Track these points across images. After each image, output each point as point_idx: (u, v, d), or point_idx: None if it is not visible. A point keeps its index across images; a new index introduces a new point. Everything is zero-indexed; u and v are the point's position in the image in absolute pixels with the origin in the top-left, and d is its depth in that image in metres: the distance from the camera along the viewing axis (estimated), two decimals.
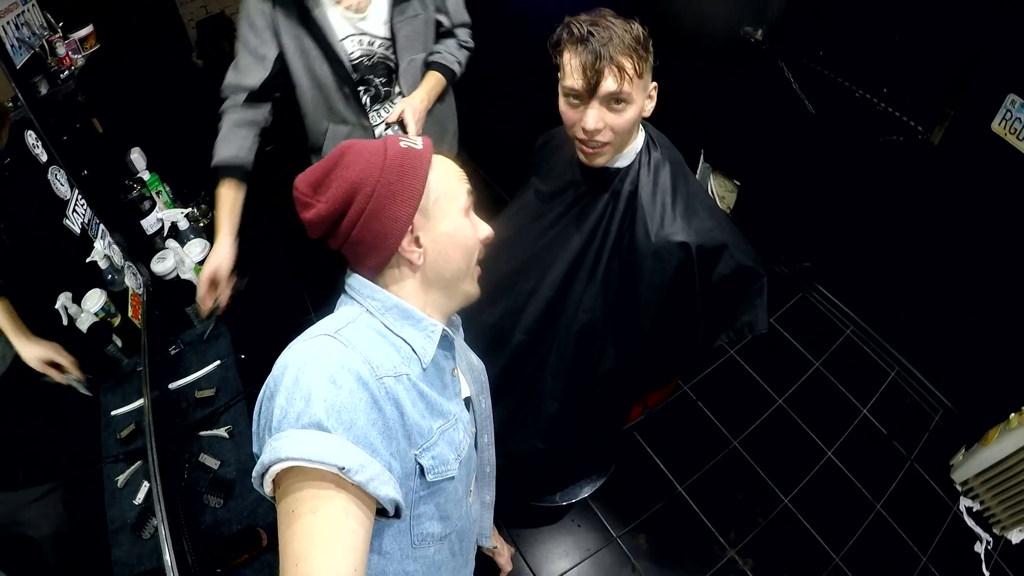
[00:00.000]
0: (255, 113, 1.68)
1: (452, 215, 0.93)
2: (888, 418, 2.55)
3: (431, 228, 0.91)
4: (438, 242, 0.92)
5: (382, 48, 1.73)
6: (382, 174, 0.87)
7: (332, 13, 1.63)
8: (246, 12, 1.61)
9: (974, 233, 2.18)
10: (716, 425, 2.53)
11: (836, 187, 2.60)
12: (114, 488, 1.44)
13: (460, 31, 1.87)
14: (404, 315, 0.91)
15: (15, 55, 1.52)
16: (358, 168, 0.86)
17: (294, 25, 1.62)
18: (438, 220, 0.92)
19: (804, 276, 3.00)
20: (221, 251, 1.56)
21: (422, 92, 1.74)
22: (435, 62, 1.82)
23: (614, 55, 1.19)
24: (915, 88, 2.12)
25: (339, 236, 0.89)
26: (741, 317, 1.52)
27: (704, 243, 1.36)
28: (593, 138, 1.28)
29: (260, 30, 1.61)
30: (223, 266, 1.55)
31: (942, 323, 2.49)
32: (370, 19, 1.68)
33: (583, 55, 1.20)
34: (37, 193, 1.53)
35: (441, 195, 0.92)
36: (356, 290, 0.93)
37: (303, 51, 1.66)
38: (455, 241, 0.93)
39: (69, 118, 1.82)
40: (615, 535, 2.22)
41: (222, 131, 1.64)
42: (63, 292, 1.58)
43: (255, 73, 1.64)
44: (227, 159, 1.62)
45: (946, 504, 2.31)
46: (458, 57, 1.86)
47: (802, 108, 2.47)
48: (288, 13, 1.60)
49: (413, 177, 0.88)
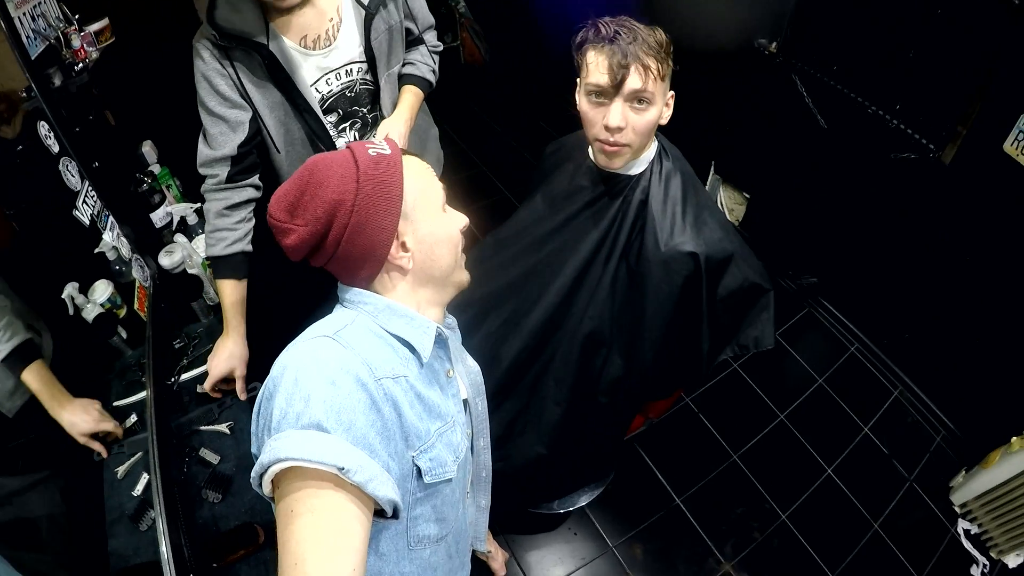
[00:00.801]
0: (242, 192, 1.54)
1: (432, 213, 0.94)
2: (889, 437, 2.54)
3: (415, 230, 0.92)
4: (424, 243, 0.93)
5: (360, 73, 1.63)
6: (360, 186, 0.86)
7: (299, 58, 1.52)
8: (203, 75, 1.46)
9: (982, 254, 2.17)
10: (716, 438, 2.52)
11: (846, 203, 2.59)
12: (113, 479, 1.45)
13: (428, 35, 1.79)
14: (398, 315, 0.92)
15: (30, 46, 1.52)
16: (333, 184, 0.85)
17: (259, 79, 1.49)
18: (420, 221, 0.92)
19: (810, 291, 2.99)
20: (233, 351, 1.50)
21: (404, 111, 1.65)
22: (410, 75, 1.74)
23: (640, 54, 1.21)
24: (928, 106, 2.11)
25: (324, 255, 0.89)
26: (747, 331, 1.53)
27: (713, 254, 1.37)
28: (614, 136, 1.29)
29: (224, 92, 1.46)
30: (239, 367, 1.51)
31: (947, 344, 2.49)
32: (342, 47, 1.57)
33: (609, 53, 1.22)
34: (48, 183, 1.54)
35: (418, 196, 0.92)
36: (349, 299, 0.94)
37: (273, 105, 1.54)
38: (439, 238, 0.95)
39: (82, 110, 1.82)
40: (611, 545, 2.21)
41: (209, 221, 1.53)
42: (70, 282, 1.59)
43: (231, 140, 1.49)
44: (221, 255, 1.51)
45: (944, 526, 2.29)
46: (432, 65, 1.79)
47: (814, 122, 2.47)
48: (250, 67, 1.47)
49: (391, 185, 0.88)
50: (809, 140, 2.55)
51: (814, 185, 2.68)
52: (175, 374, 1.71)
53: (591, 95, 1.29)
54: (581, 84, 1.31)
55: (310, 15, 1.49)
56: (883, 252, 2.57)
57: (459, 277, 1.01)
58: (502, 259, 1.61)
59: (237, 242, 1.52)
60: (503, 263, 1.61)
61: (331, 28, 1.54)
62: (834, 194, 2.62)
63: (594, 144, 1.37)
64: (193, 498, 1.47)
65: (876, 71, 2.23)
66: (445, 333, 0.99)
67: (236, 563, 1.36)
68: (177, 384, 1.69)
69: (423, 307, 0.96)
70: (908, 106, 2.17)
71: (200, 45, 1.44)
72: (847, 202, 2.59)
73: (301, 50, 1.51)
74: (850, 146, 2.43)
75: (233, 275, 1.52)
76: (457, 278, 1.01)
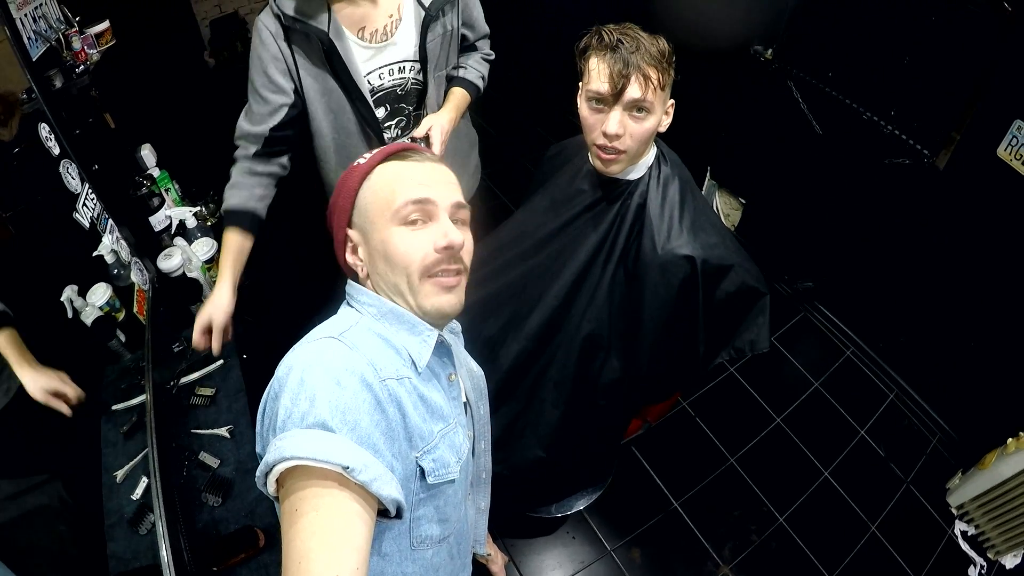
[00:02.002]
0: (267, 165, 1.59)
1: (380, 227, 0.91)
2: (886, 440, 2.55)
3: (366, 240, 0.94)
4: (371, 255, 0.94)
5: (412, 72, 1.66)
6: (336, 189, 0.97)
7: (356, 48, 1.54)
8: (257, 54, 1.51)
9: (977, 258, 2.19)
10: (714, 442, 2.52)
11: (841, 208, 2.61)
12: (112, 482, 1.44)
13: (482, 43, 1.81)
14: (399, 320, 0.92)
15: (31, 47, 1.52)
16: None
17: (315, 65, 1.53)
18: (370, 233, 0.93)
19: (806, 296, 3.00)
20: (219, 300, 1.47)
21: (449, 109, 1.67)
22: (461, 78, 1.76)
23: (641, 64, 1.22)
24: (922, 112, 2.13)
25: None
26: (743, 335, 1.53)
27: (709, 258, 1.37)
28: (612, 144, 1.30)
29: (273, 75, 1.51)
30: (218, 316, 1.46)
31: (942, 347, 2.50)
32: (399, 44, 1.60)
33: (611, 61, 1.23)
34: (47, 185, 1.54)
35: (371, 206, 0.92)
36: (354, 297, 0.96)
37: (326, 91, 1.57)
38: (381, 254, 0.91)
39: (82, 112, 1.83)
40: (609, 548, 2.21)
41: (232, 178, 1.57)
42: (69, 285, 1.58)
43: (266, 121, 1.55)
44: (234, 206, 1.54)
45: (941, 528, 2.30)
46: (482, 72, 1.80)
47: (809, 128, 2.49)
48: (308, 51, 1.51)
49: (343, 194, 0.95)
50: (804, 146, 2.57)
51: (809, 190, 2.70)
52: (174, 377, 1.71)
53: (591, 101, 1.30)
54: (582, 89, 1.32)
55: (371, 9, 1.53)
56: (878, 257, 2.59)
57: (417, 302, 0.92)
58: (501, 262, 1.62)
59: (251, 200, 1.56)
60: (502, 266, 1.61)
61: (390, 24, 1.57)
62: (829, 199, 2.64)
63: (592, 149, 1.38)
64: (193, 502, 1.47)
65: (871, 77, 2.25)
66: (448, 340, 0.99)
67: (236, 566, 1.36)
68: (176, 387, 1.69)
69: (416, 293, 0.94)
70: (902, 112, 2.19)
71: (262, 24, 1.49)
72: (842, 207, 2.61)
73: (359, 41, 1.55)
74: (845, 151, 2.45)
75: (238, 224, 1.53)
76: (416, 302, 0.92)
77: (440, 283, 0.91)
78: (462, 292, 0.96)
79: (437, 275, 0.91)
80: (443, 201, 0.92)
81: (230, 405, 1.68)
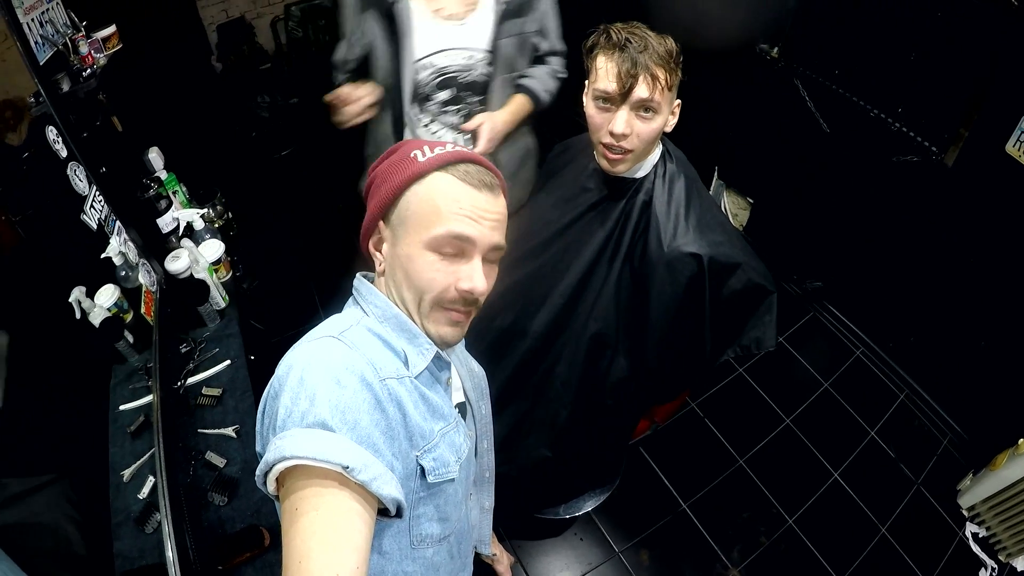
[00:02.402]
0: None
1: (412, 241, 0.87)
2: (896, 441, 2.53)
3: (394, 243, 0.90)
4: (395, 259, 0.91)
5: (481, 65, 1.66)
6: (384, 167, 0.91)
7: (422, 22, 1.58)
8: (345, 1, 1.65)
9: (987, 255, 2.17)
10: (723, 443, 2.51)
11: (849, 206, 2.60)
12: (119, 481, 1.45)
13: (554, 59, 1.79)
14: (401, 328, 0.91)
15: (39, 52, 1.54)
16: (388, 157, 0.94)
17: (382, 28, 1.61)
18: (400, 238, 0.89)
19: (815, 295, 2.99)
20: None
21: (507, 112, 1.68)
22: (525, 86, 1.74)
23: (649, 64, 1.22)
24: (930, 108, 2.12)
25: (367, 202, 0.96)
26: (749, 333, 1.52)
27: (716, 255, 1.37)
28: (618, 143, 1.29)
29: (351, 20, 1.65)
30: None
31: (953, 346, 2.48)
32: (470, 29, 1.61)
33: (619, 60, 1.23)
34: (56, 188, 1.55)
35: (411, 216, 0.87)
36: (362, 295, 0.95)
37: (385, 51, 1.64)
38: (403, 267, 0.89)
39: (90, 115, 1.84)
40: (617, 550, 2.20)
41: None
42: (77, 286, 1.59)
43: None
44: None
45: (952, 529, 2.28)
46: (548, 86, 1.78)
47: (816, 126, 2.48)
48: (377, 14, 1.60)
49: (390, 182, 0.89)
50: (811, 144, 2.55)
51: (817, 189, 2.69)
52: (181, 378, 1.72)
53: (598, 100, 1.30)
54: (588, 88, 1.32)
55: None
56: (887, 255, 2.57)
57: (428, 326, 0.91)
58: (507, 261, 1.61)
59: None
60: (508, 265, 1.61)
61: (466, 9, 1.61)
62: (837, 198, 2.62)
63: (598, 148, 1.37)
64: (199, 501, 1.47)
65: (877, 74, 2.23)
66: (446, 357, 0.96)
67: (241, 566, 1.36)
68: (183, 388, 1.70)
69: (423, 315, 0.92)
70: (910, 109, 2.18)
71: None
72: (850, 206, 2.59)
73: (431, 17, 1.58)
74: (852, 149, 2.44)
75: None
76: (426, 325, 0.91)
77: (450, 316, 0.91)
78: (467, 326, 0.95)
79: (449, 309, 0.90)
80: (483, 242, 0.88)
81: (236, 405, 1.68)
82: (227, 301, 1.97)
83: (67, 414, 1.47)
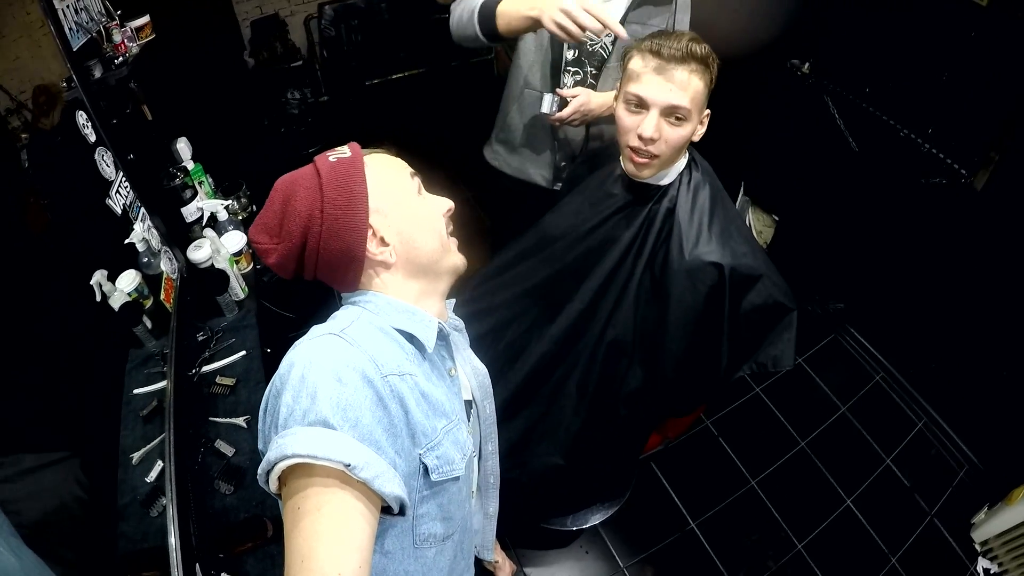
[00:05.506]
0: None
1: (405, 203, 0.94)
2: (912, 470, 2.47)
3: (391, 223, 0.92)
4: (403, 233, 0.92)
5: (608, 39, 1.67)
6: (323, 194, 0.88)
7: None
8: None
9: (1014, 283, 2.12)
10: (735, 463, 2.47)
11: (875, 227, 2.56)
12: (128, 464, 1.46)
13: None
14: (399, 310, 0.92)
15: (72, 38, 1.56)
16: (301, 197, 0.88)
17: None
18: (393, 213, 0.92)
19: (837, 317, 2.94)
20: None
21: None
22: None
23: (683, 70, 1.21)
24: (960, 130, 2.08)
25: (309, 267, 0.91)
26: (767, 349, 1.50)
27: (737, 267, 1.35)
28: (646, 147, 1.29)
29: None
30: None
31: (974, 376, 2.42)
32: (613, 5, 1.61)
33: (653, 64, 1.22)
34: (83, 171, 1.57)
35: (387, 188, 0.92)
36: (352, 299, 0.95)
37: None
38: (418, 225, 0.94)
39: (120, 103, 1.86)
40: (622, 565, 2.17)
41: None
42: (99, 269, 1.61)
43: None
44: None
45: (963, 563, 2.22)
46: None
47: (845, 144, 2.45)
48: None
49: (353, 183, 0.89)
50: (840, 162, 2.52)
51: (843, 208, 2.65)
52: (196, 366, 1.73)
53: (629, 103, 1.29)
54: (620, 90, 1.32)
55: None
56: (912, 279, 2.53)
57: (450, 262, 0.99)
58: (528, 264, 1.61)
59: None
60: (530, 268, 1.61)
61: None
62: (863, 218, 2.59)
63: (624, 151, 1.37)
64: (205, 488, 1.48)
65: (909, 94, 2.20)
66: (446, 329, 0.99)
67: (243, 555, 1.36)
68: (198, 375, 1.71)
69: (421, 300, 0.96)
70: (940, 130, 2.14)
71: None
72: (876, 227, 2.55)
73: None
74: (881, 170, 2.40)
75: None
76: (449, 263, 0.98)
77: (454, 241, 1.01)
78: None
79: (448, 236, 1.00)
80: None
81: (249, 396, 1.69)
82: (246, 292, 1.99)
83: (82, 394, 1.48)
